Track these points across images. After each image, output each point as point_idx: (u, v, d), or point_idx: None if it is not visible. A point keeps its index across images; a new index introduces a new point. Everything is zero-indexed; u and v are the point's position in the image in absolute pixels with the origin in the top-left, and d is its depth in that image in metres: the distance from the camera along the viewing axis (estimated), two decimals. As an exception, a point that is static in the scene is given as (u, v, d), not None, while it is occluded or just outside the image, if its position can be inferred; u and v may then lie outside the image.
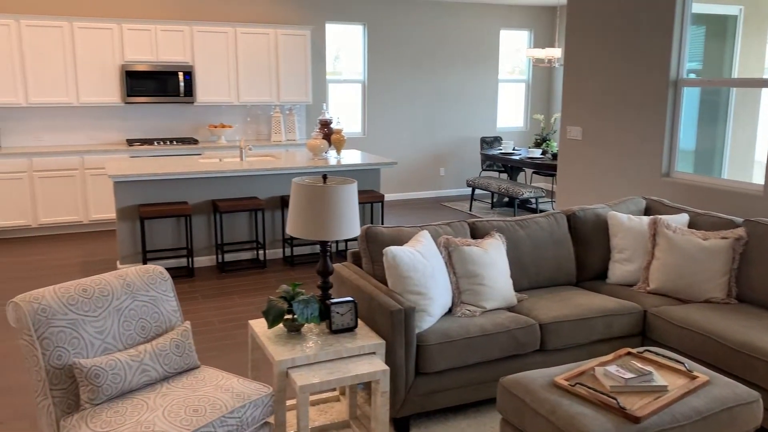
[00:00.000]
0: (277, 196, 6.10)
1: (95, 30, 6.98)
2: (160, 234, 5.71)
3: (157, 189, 5.62)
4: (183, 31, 7.37)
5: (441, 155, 9.50)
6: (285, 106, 8.25)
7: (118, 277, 2.70)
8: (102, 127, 7.45)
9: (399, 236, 3.49)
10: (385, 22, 8.78)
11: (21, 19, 6.68)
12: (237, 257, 6.06)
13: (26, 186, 6.72)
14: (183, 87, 7.38)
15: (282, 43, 7.87)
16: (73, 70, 6.96)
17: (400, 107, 9.09)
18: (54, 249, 6.41)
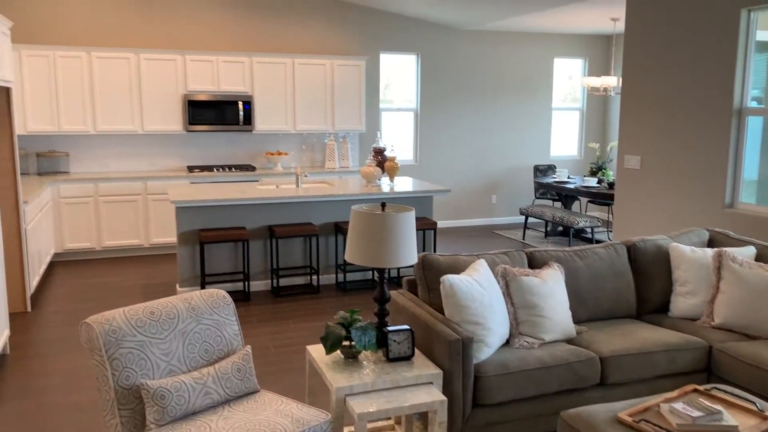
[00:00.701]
0: (331, 222, 6.18)
1: (160, 61, 7.29)
2: (218, 258, 5.85)
3: (216, 214, 5.77)
4: (243, 63, 7.61)
5: (493, 183, 9.46)
6: (339, 133, 8.39)
7: (183, 301, 2.78)
8: (164, 154, 7.72)
9: (455, 264, 3.49)
10: (438, 52, 8.88)
11: (92, 51, 7.03)
12: (291, 282, 6.15)
13: (92, 210, 7.01)
14: (242, 116, 7.61)
15: (337, 73, 8.03)
16: (139, 100, 7.26)
17: (452, 135, 9.12)
18: (116, 271, 6.64)
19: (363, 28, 8.43)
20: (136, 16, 7.44)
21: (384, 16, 8.52)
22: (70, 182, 6.90)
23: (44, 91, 6.89)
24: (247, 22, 7.90)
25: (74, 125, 7.06)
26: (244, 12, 7.87)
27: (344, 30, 8.35)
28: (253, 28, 7.93)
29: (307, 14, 8.15)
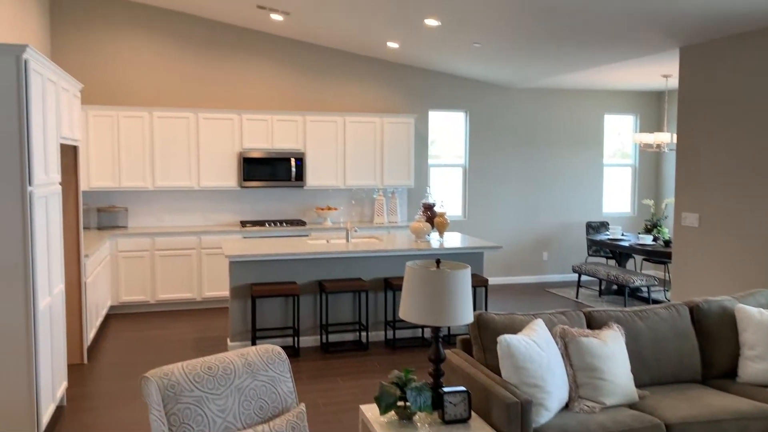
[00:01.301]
0: (381, 278, 6.17)
1: (218, 120, 7.56)
2: (269, 313, 5.88)
3: (268, 269, 5.84)
4: (296, 121, 7.83)
5: (544, 239, 9.33)
6: (388, 189, 8.47)
7: (239, 356, 2.78)
8: (218, 209, 7.92)
9: (512, 324, 3.41)
10: (487, 109, 8.96)
11: (154, 111, 7.35)
12: (340, 338, 6.12)
13: (148, 264, 7.19)
14: (294, 172, 7.77)
15: (387, 129, 8.17)
16: (196, 157, 7.51)
17: (501, 191, 9.09)
18: (169, 325, 6.74)
19: (412, 86, 8.61)
20: (195, 77, 7.78)
21: (433, 76, 8.68)
22: (127, 236, 7.12)
23: (107, 149, 7.21)
24: (300, 82, 8.16)
25: (134, 181, 7.33)
26: (298, 73, 8.15)
27: (394, 89, 8.53)
28: (306, 88, 8.19)
29: (359, 75, 8.38)
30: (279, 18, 7.04)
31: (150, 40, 7.61)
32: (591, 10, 5.18)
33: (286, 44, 8.08)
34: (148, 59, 7.62)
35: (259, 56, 8.00)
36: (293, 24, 7.27)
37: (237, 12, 7.19)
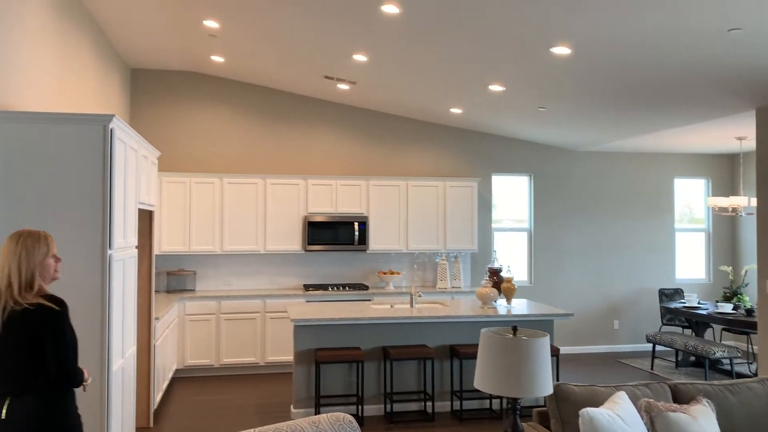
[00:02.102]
0: (446, 345, 6.02)
1: (284, 186, 7.74)
2: (332, 379, 5.79)
3: (332, 333, 5.79)
4: (360, 185, 7.93)
5: (614, 307, 8.96)
6: (451, 253, 8.38)
7: (311, 424, 2.71)
8: (282, 272, 8.00)
9: (593, 396, 3.22)
10: (552, 172, 8.86)
11: (224, 177, 7.59)
12: (405, 408, 5.94)
13: (213, 327, 7.26)
14: (357, 236, 7.81)
15: (450, 193, 8.16)
16: (263, 221, 7.67)
17: (568, 256, 8.86)
18: (232, 389, 6.72)
19: (475, 150, 8.63)
20: (264, 145, 8.04)
21: (496, 139, 8.69)
22: (195, 299, 7.23)
23: (179, 214, 7.45)
24: (363, 148, 8.31)
25: (203, 245, 7.51)
26: (362, 139, 8.31)
27: (457, 153, 8.57)
28: (369, 153, 8.32)
29: (421, 139, 8.47)
30: (345, 87, 7.25)
31: (221, 110, 7.95)
32: (663, 74, 5.11)
33: (351, 112, 8.29)
34: (219, 128, 7.94)
35: (324, 123, 8.22)
36: (358, 92, 7.47)
37: (305, 82, 7.46)
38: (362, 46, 5.59)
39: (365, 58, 5.92)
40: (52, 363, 2.57)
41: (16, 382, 2.56)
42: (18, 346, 2.55)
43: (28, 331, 2.55)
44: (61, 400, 2.62)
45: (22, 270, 2.60)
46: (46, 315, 2.56)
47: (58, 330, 2.58)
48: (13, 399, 2.54)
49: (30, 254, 2.63)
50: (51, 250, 2.70)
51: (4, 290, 2.58)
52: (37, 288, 2.62)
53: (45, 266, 2.67)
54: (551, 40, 4.67)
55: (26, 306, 2.55)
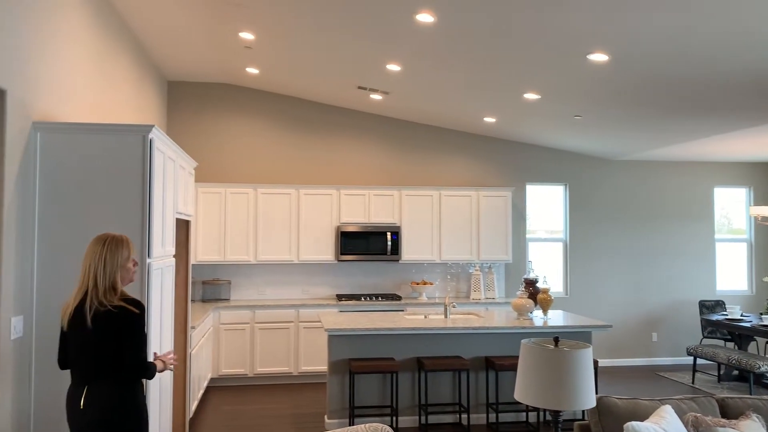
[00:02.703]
0: (482, 357, 5.94)
1: (317, 196, 7.77)
2: (367, 389, 5.76)
3: (366, 343, 5.76)
4: (393, 196, 7.91)
5: (652, 319, 8.76)
6: (485, 264, 8.29)
7: (349, 435, 2.68)
8: (315, 282, 8.01)
9: (636, 410, 3.14)
10: (588, 182, 8.73)
11: (258, 187, 7.65)
12: (439, 420, 5.87)
13: (248, 337, 7.30)
14: (390, 246, 7.79)
15: (483, 203, 8.10)
16: (296, 231, 7.70)
17: (604, 266, 8.70)
18: (266, 399, 6.73)
19: (509, 160, 8.55)
20: (297, 155, 8.09)
21: (530, 149, 8.61)
22: (230, 309, 7.28)
23: (214, 224, 7.52)
24: (396, 158, 8.30)
25: (238, 255, 7.57)
26: (394, 149, 8.31)
27: (490, 162, 8.51)
28: (402, 163, 8.31)
29: (454, 149, 8.43)
30: (378, 97, 7.26)
31: (255, 121, 8.03)
32: (705, 80, 5.00)
33: (383, 122, 8.30)
34: (254, 139, 8.02)
35: (356, 134, 8.24)
36: (391, 103, 7.48)
37: (338, 93, 7.49)
38: (396, 56, 5.59)
39: (399, 68, 5.92)
40: (129, 358, 2.81)
41: (95, 373, 2.82)
42: (100, 342, 2.81)
43: (110, 330, 2.80)
44: (132, 390, 2.86)
45: (106, 272, 2.84)
46: (127, 317, 2.81)
47: (137, 330, 2.83)
48: (90, 388, 2.81)
49: (113, 257, 2.86)
50: (131, 254, 2.94)
51: (91, 290, 2.82)
52: (119, 289, 2.87)
53: (126, 269, 2.92)
54: (588, 47, 4.60)
55: (110, 308, 2.80)
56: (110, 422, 2.79)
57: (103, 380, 2.82)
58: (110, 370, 2.82)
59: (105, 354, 2.81)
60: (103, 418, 2.79)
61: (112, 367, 2.82)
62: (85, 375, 2.83)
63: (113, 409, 2.81)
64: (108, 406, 2.80)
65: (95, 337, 2.81)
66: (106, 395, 2.80)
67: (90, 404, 2.80)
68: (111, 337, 2.80)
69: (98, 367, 2.82)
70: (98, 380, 2.82)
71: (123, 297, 2.87)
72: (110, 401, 2.81)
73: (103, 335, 2.81)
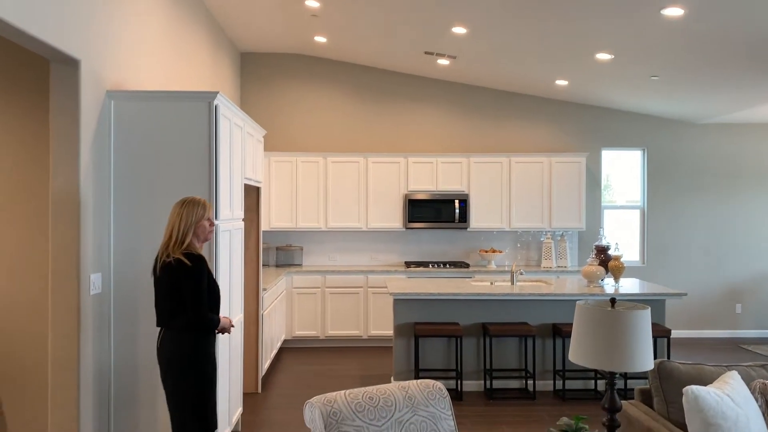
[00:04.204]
0: (549, 324, 5.87)
1: (385, 164, 7.81)
2: (432, 353, 5.82)
3: (431, 308, 5.81)
4: (461, 163, 7.85)
5: (736, 290, 8.34)
6: (556, 232, 8.13)
7: (400, 389, 2.74)
8: (384, 249, 8.11)
9: (699, 375, 3.04)
10: (668, 146, 8.33)
11: (328, 156, 7.78)
12: (505, 385, 5.87)
13: (319, 301, 7.51)
14: (458, 214, 7.76)
15: (555, 170, 7.90)
16: (365, 199, 7.80)
17: (685, 235, 8.33)
18: (336, 360, 6.93)
19: (583, 124, 8.28)
20: (365, 123, 8.15)
21: (606, 112, 8.29)
22: (302, 274, 7.51)
23: (286, 192, 7.73)
24: (465, 124, 8.21)
25: (309, 222, 7.76)
26: (463, 115, 8.21)
27: (563, 127, 8.27)
28: (470, 129, 8.21)
29: (525, 114, 8.24)
30: (445, 62, 7.18)
31: (324, 91, 8.13)
32: (790, 30, 4.65)
33: (451, 87, 8.21)
34: (323, 108, 8.13)
35: (424, 100, 8.19)
36: (458, 68, 7.37)
37: (404, 60, 7.46)
38: (462, 18, 5.50)
39: (465, 31, 5.83)
40: (188, 307, 3.07)
41: (164, 319, 3.13)
42: (164, 290, 3.11)
43: (169, 279, 3.08)
44: (193, 339, 3.10)
45: (180, 227, 3.12)
46: (180, 269, 3.05)
47: (189, 281, 3.05)
48: (163, 331, 3.15)
49: (188, 215, 3.14)
50: (206, 214, 3.20)
51: (164, 243, 3.13)
52: (187, 245, 3.11)
53: (199, 227, 3.16)
54: (662, 1, 4.37)
55: (170, 260, 3.06)
56: (174, 365, 3.09)
57: (170, 326, 3.12)
58: (173, 318, 3.10)
59: (168, 302, 3.10)
60: (170, 360, 3.10)
61: (175, 315, 3.10)
62: (159, 319, 3.17)
63: (177, 353, 3.09)
64: (173, 350, 3.09)
65: (160, 286, 3.13)
66: (173, 340, 3.10)
67: (162, 346, 3.14)
68: (170, 287, 3.08)
69: (164, 313, 3.13)
70: (167, 325, 3.13)
71: (186, 251, 3.10)
72: (175, 345, 3.09)
73: (164, 284, 3.11)
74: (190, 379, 3.10)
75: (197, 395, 3.12)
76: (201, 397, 3.13)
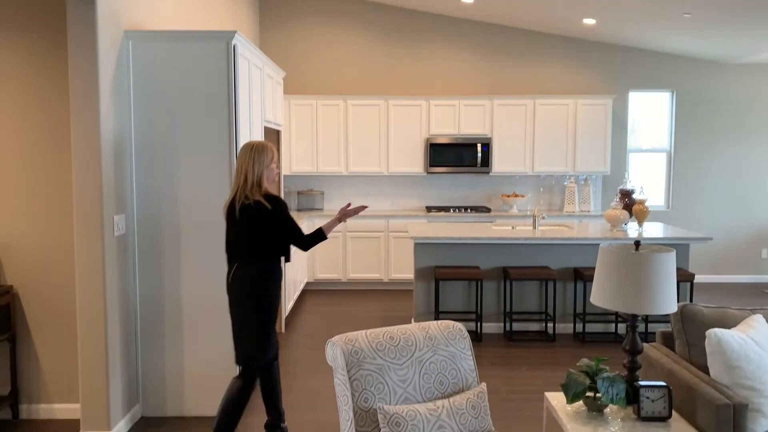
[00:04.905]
0: (570, 268, 5.85)
1: (407, 107, 7.70)
2: (452, 296, 5.86)
3: (451, 252, 5.82)
4: (484, 105, 7.71)
5: (762, 235, 8.21)
6: (580, 176, 8.01)
7: (420, 329, 2.77)
8: (405, 194, 8.08)
9: (722, 318, 3.01)
10: (697, 88, 8.08)
11: (348, 99, 7.68)
12: (524, 327, 5.91)
13: (340, 244, 7.55)
14: (480, 158, 7.66)
15: (581, 112, 7.73)
16: (386, 143, 7.73)
17: (711, 179, 8.16)
18: (358, 302, 7.02)
19: (611, 65, 8.04)
20: (386, 65, 8.00)
21: (634, 53, 8.03)
22: (323, 218, 7.53)
23: (307, 136, 7.69)
24: (488, 66, 8.01)
25: (329, 167, 7.74)
26: (486, 56, 8.01)
27: (589, 68, 8.04)
28: (493, 71, 8.02)
29: (550, 55, 8.02)
30: (468, 0, 6.95)
31: (345, 32, 7.96)
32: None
33: (475, 27, 7.98)
34: (343, 49, 7.98)
35: (447, 41, 7.99)
36: (482, 6, 7.14)
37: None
38: (485, -47, 5.28)
39: (489, -33, 5.61)
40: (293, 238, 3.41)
41: (243, 255, 3.35)
42: (244, 230, 3.32)
43: (250, 220, 3.29)
44: (266, 270, 3.36)
45: (255, 171, 3.29)
46: (262, 211, 3.28)
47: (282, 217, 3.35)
48: (239, 266, 3.35)
49: (260, 159, 3.30)
50: (274, 157, 3.38)
51: (240, 187, 3.30)
52: (263, 187, 3.32)
53: (270, 170, 3.36)
54: (699, -70, 4.13)
55: (251, 202, 3.27)
56: (250, 292, 3.32)
57: (247, 261, 3.33)
58: (251, 253, 3.32)
59: (247, 240, 3.31)
60: (246, 289, 3.32)
61: (253, 250, 3.31)
62: (236, 256, 3.37)
63: (255, 283, 3.33)
64: (250, 280, 3.32)
65: (241, 226, 3.31)
66: (249, 272, 3.32)
67: (236, 279, 3.33)
68: (249, 226, 3.29)
69: (244, 250, 3.33)
70: (244, 261, 3.33)
71: (265, 194, 3.31)
72: (251, 276, 3.32)
73: (244, 224, 3.30)
74: (263, 308, 3.36)
75: (266, 323, 3.39)
76: (268, 326, 3.40)
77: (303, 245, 3.47)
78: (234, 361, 3.50)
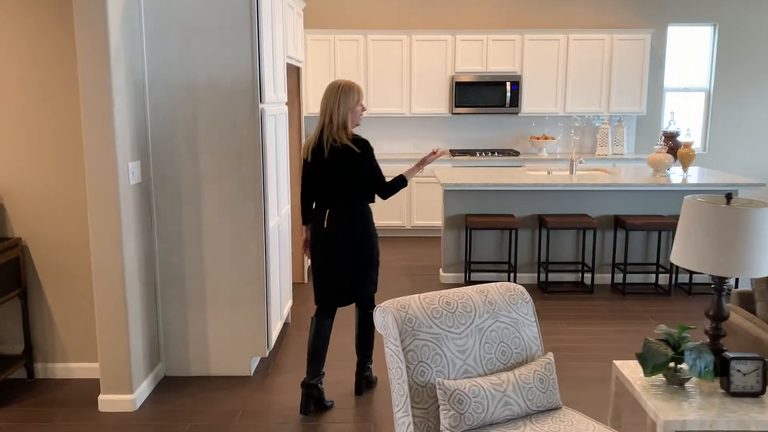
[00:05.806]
0: (610, 215, 5.51)
1: (431, 42, 7.21)
2: (483, 246, 5.56)
3: (483, 200, 5.48)
4: (514, 41, 7.21)
5: (805, 179, 7.82)
6: (614, 117, 7.57)
7: (479, 293, 2.46)
8: (428, 137, 7.67)
9: (814, 279, 2.68)
10: (742, 22, 7.51)
11: (368, 34, 7.19)
12: (559, 278, 5.63)
13: (360, 189, 7.21)
14: (509, 97, 7.22)
15: (617, 48, 7.22)
16: (408, 82, 7.27)
17: (753, 121, 7.70)
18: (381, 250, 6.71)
19: (651, -3, 7.47)
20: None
21: (676, -17, 7.45)
22: (342, 161, 7.16)
23: (324, 74, 7.23)
24: (519, -2, 7.46)
25: (349, 107, 7.31)
26: (518, -13, 7.45)
27: (627, 1, 7.47)
28: (525, 3, 7.47)
29: (586, -14, 7.44)
30: (502, -76, 6.36)
31: (365, -40, 7.39)
32: None
33: (506, -44, 7.39)
34: (364, -20, 7.42)
35: (476, -29, 7.42)
36: (517, -70, 6.55)
37: None
38: None
39: None
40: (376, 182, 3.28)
41: (335, 197, 3.24)
42: (333, 171, 3.19)
43: (339, 163, 3.17)
44: (362, 211, 3.28)
45: (340, 112, 3.15)
46: (351, 154, 3.16)
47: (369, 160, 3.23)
48: (332, 210, 3.23)
49: (346, 100, 3.16)
50: (360, 99, 3.23)
51: (326, 126, 3.17)
52: (349, 129, 3.18)
53: (355, 112, 3.21)
54: None
55: (339, 145, 3.14)
56: (350, 236, 3.23)
57: (341, 204, 3.22)
58: (344, 196, 3.21)
59: (339, 182, 3.20)
60: (346, 233, 3.22)
61: (346, 193, 3.21)
62: (327, 199, 3.25)
63: (353, 226, 3.23)
64: (346, 222, 3.22)
65: (331, 167, 3.18)
66: (344, 214, 3.21)
67: (333, 223, 3.22)
68: (340, 168, 3.17)
69: (336, 193, 3.21)
70: (337, 204, 3.22)
71: (352, 136, 3.18)
72: (347, 218, 3.22)
73: (335, 166, 3.17)
74: (371, 243, 3.32)
75: (374, 258, 3.37)
76: (375, 262, 3.39)
77: (383, 193, 3.32)
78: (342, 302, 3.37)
